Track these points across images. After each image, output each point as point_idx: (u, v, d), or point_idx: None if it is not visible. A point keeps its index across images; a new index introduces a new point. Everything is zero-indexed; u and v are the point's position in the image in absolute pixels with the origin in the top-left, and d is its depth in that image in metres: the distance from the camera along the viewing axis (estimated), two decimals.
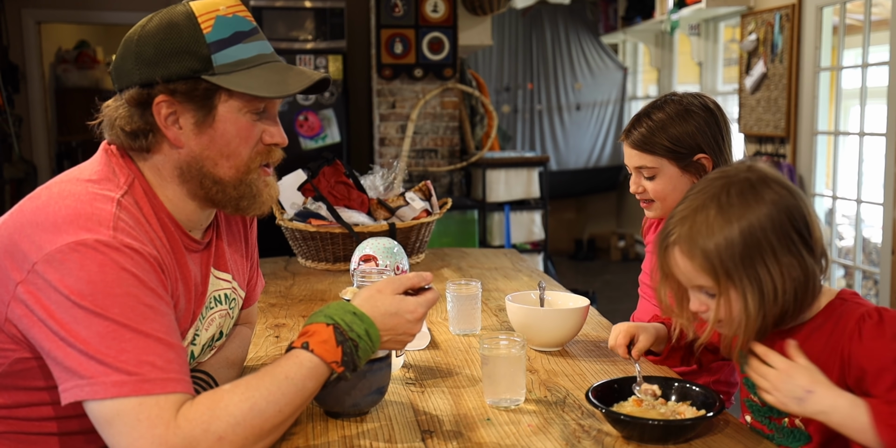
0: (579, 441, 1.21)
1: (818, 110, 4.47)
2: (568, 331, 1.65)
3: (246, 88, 1.17)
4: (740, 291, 1.17)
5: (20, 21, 5.98)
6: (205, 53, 1.16)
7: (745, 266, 1.15)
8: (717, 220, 1.17)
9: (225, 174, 1.22)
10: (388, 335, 1.19)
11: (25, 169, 5.90)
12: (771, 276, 1.15)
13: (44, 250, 1.04)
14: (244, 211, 1.27)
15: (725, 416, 1.30)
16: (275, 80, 1.20)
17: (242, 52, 1.20)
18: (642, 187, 1.73)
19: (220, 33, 1.18)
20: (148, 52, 1.17)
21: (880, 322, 1.16)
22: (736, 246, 1.15)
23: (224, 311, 1.38)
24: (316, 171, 2.62)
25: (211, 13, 1.18)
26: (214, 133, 1.19)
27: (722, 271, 1.16)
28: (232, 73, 1.18)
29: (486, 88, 5.67)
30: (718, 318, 1.20)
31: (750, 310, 1.16)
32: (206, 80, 1.16)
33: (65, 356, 1.01)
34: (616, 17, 7.18)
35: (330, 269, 2.50)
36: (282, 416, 1.07)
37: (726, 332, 1.23)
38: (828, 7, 4.39)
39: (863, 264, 4.43)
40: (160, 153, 1.21)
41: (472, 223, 4.96)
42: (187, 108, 1.18)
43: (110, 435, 1.00)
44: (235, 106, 1.19)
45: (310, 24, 5.07)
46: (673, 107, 1.69)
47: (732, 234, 1.15)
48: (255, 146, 1.23)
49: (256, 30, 1.23)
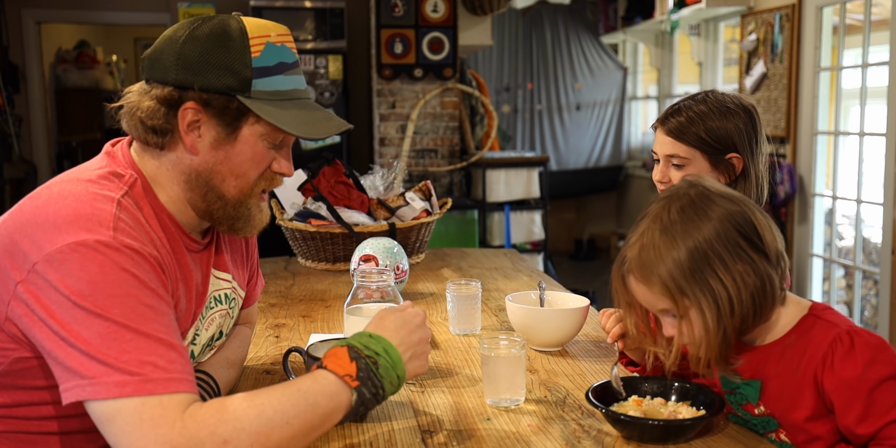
0: (579, 441, 1.21)
1: (818, 110, 4.47)
2: (568, 331, 1.65)
3: (277, 121, 1.19)
4: (697, 308, 1.15)
5: (20, 21, 5.98)
6: (247, 75, 1.18)
7: (696, 280, 1.14)
8: (662, 241, 1.16)
9: (229, 192, 1.24)
10: (406, 350, 1.19)
11: (25, 169, 5.90)
12: (724, 285, 1.14)
13: (44, 250, 1.04)
14: (236, 232, 1.30)
15: (725, 416, 1.30)
16: (304, 120, 1.22)
17: (281, 83, 1.22)
18: (668, 177, 1.71)
19: (267, 60, 1.20)
20: (191, 56, 1.17)
21: (851, 349, 1.14)
22: (684, 264, 1.14)
23: (224, 311, 1.38)
24: (316, 171, 2.62)
25: (263, 38, 1.20)
26: (231, 151, 1.21)
27: (677, 291, 1.15)
28: (266, 100, 1.20)
29: (486, 88, 5.67)
30: (683, 340, 1.19)
31: (709, 324, 1.15)
32: (240, 100, 1.18)
33: (66, 356, 1.01)
34: (616, 17, 7.18)
35: (330, 269, 2.50)
36: (290, 430, 1.04)
37: (693, 353, 1.21)
38: (828, 7, 4.39)
39: (863, 264, 4.43)
40: (173, 154, 1.22)
41: (472, 223, 4.96)
42: (213, 120, 1.19)
43: (112, 434, 1.00)
44: (259, 132, 1.21)
45: (310, 24, 5.07)
46: (714, 103, 1.68)
47: (679, 253, 1.15)
48: (264, 172, 1.26)
49: (297, 63, 1.26)
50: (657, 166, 1.73)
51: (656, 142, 1.73)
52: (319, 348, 1.41)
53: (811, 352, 1.17)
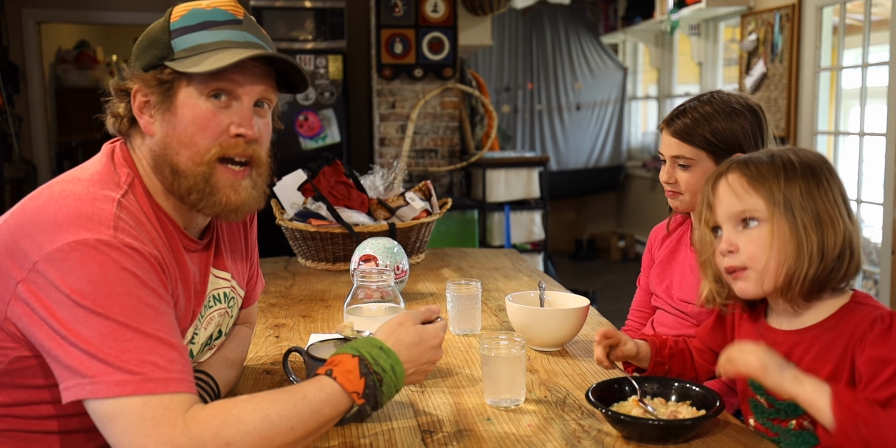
0: (579, 441, 1.21)
1: (818, 110, 4.47)
2: (568, 331, 1.65)
3: (193, 68, 1.16)
4: (792, 222, 1.19)
5: (20, 21, 5.98)
6: (165, 40, 1.20)
7: (803, 196, 1.19)
8: (781, 155, 1.23)
9: (183, 164, 1.19)
10: (412, 367, 1.19)
11: (25, 169, 5.90)
12: (830, 216, 1.19)
13: (45, 249, 1.04)
14: (196, 205, 1.21)
15: (725, 416, 1.30)
16: (224, 58, 1.16)
17: (204, 37, 1.19)
18: (674, 178, 1.72)
19: (187, 21, 1.20)
20: (135, 49, 1.23)
21: (889, 328, 1.16)
22: (798, 172, 1.20)
23: (223, 310, 1.38)
24: (316, 171, 2.62)
25: (188, 6, 1.22)
26: (174, 119, 1.19)
27: (778, 193, 1.20)
28: (189, 57, 1.18)
29: (486, 88, 5.67)
30: (752, 250, 1.21)
31: (788, 246, 1.18)
32: (167, 65, 1.18)
33: (66, 355, 1.01)
34: (616, 17, 7.18)
35: (330, 269, 2.50)
36: (293, 435, 1.04)
37: (746, 283, 1.23)
38: (828, 7, 4.39)
39: (863, 264, 4.43)
40: (138, 140, 1.24)
41: (472, 223, 4.96)
42: (155, 95, 1.20)
43: (113, 433, 1.00)
44: (194, 92, 1.18)
45: (310, 24, 5.07)
46: (720, 103, 1.69)
47: (794, 166, 1.21)
48: (219, 137, 1.19)
49: (237, 21, 1.22)
50: (664, 167, 1.74)
51: (662, 143, 1.74)
52: (319, 348, 1.41)
53: (850, 332, 1.19)
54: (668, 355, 1.45)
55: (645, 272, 1.95)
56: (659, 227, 1.95)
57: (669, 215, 1.90)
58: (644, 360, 1.45)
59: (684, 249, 1.82)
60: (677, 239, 1.86)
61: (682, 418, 1.23)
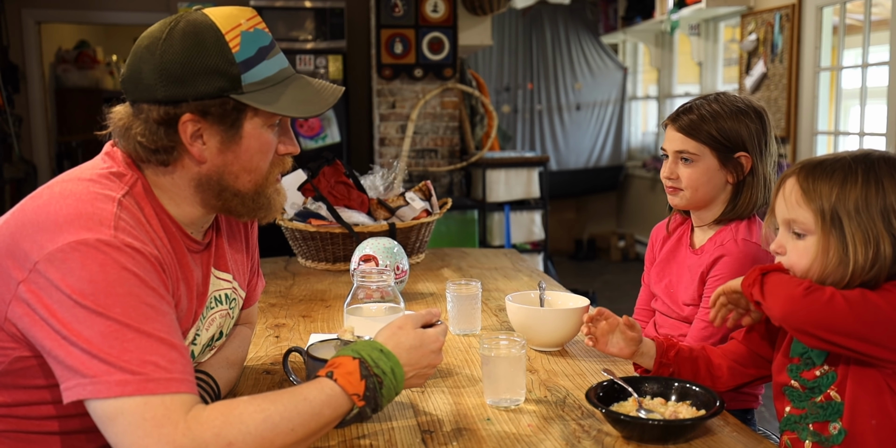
0: (579, 441, 1.22)
1: (818, 110, 4.48)
2: (568, 331, 1.65)
3: (276, 109, 1.18)
4: (840, 238, 1.18)
5: (20, 21, 5.98)
6: (234, 73, 1.16)
7: (860, 217, 1.18)
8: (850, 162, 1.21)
9: (244, 187, 1.23)
10: (412, 370, 1.20)
11: (25, 169, 5.90)
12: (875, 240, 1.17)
13: (45, 249, 1.04)
14: (261, 220, 1.31)
15: (725, 416, 1.30)
16: (300, 98, 1.21)
17: (267, 69, 1.20)
18: (676, 174, 1.73)
19: (247, 51, 1.17)
20: (174, 70, 1.14)
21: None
22: (859, 198, 1.18)
23: (224, 311, 1.38)
24: (316, 171, 2.62)
25: (235, 29, 1.17)
26: (239, 149, 1.20)
27: (828, 206, 1.19)
28: (259, 91, 1.18)
29: (486, 88, 5.67)
30: (793, 259, 1.23)
31: (849, 261, 1.18)
32: (234, 98, 1.16)
33: (66, 355, 1.01)
34: (616, 17, 7.18)
35: (330, 269, 2.51)
36: (294, 436, 1.05)
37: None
38: (828, 7, 4.39)
39: None
40: (180, 167, 1.21)
41: (472, 223, 4.96)
42: (214, 126, 1.17)
43: (114, 433, 1.00)
44: (260, 122, 1.20)
45: (310, 24, 5.07)
46: (726, 103, 1.71)
47: (858, 177, 1.19)
48: (273, 157, 1.25)
49: (274, 42, 1.24)
50: (666, 162, 1.75)
51: (666, 139, 1.75)
52: (319, 348, 1.41)
53: None
54: (674, 358, 1.44)
55: (648, 270, 1.95)
56: (659, 226, 1.95)
57: (669, 215, 1.90)
58: (647, 357, 1.45)
59: (684, 250, 1.82)
60: (677, 239, 1.86)
61: (682, 418, 1.23)
